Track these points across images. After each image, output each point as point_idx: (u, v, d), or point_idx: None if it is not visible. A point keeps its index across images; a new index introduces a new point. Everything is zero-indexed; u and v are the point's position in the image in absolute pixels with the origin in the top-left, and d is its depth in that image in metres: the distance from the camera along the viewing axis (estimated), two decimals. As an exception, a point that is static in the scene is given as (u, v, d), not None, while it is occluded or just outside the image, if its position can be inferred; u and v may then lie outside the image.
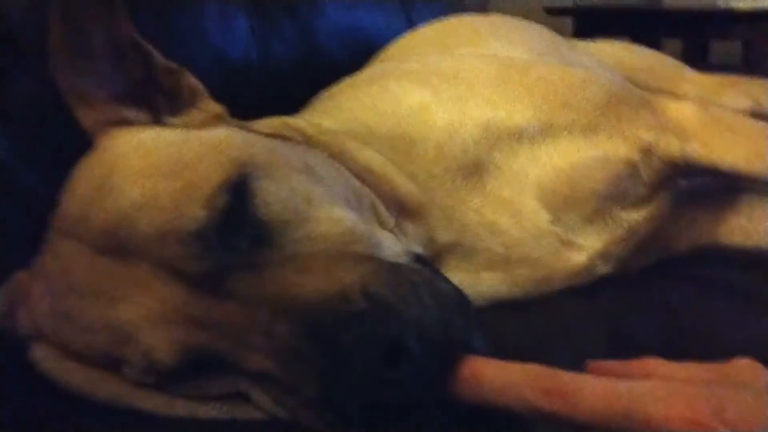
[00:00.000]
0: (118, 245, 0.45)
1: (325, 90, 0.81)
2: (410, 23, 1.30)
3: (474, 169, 0.65)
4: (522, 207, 0.65)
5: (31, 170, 0.75)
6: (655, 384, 0.35)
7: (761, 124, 0.75)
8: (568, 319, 0.64)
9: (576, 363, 0.40)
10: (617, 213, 0.69)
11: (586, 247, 0.67)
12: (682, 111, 0.72)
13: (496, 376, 0.38)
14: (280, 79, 1.03)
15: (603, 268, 0.69)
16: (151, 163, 0.48)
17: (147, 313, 0.44)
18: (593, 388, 0.36)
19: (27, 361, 0.51)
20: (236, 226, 0.45)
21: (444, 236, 0.63)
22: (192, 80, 0.59)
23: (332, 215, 0.48)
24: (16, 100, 0.75)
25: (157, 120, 0.57)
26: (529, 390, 0.37)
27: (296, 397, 0.42)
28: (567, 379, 0.37)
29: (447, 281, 0.47)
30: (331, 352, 0.39)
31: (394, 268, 0.45)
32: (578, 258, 0.67)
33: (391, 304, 0.40)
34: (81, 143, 0.55)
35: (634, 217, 0.69)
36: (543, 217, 0.65)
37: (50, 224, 0.52)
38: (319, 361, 0.39)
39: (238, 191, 0.47)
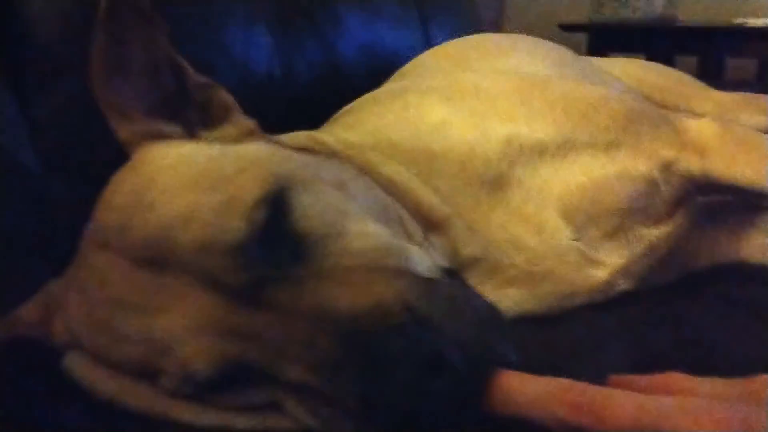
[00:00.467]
0: (158, 257, 0.46)
1: (347, 105, 0.82)
2: (428, 40, 1.31)
3: (497, 184, 0.65)
4: (545, 223, 0.65)
5: (60, 182, 0.77)
6: (683, 399, 0.35)
7: (780, 141, 0.75)
8: (590, 334, 0.64)
9: (598, 378, 0.40)
10: (638, 230, 0.69)
11: (607, 264, 0.67)
12: (702, 128, 0.72)
13: (525, 390, 0.39)
14: (302, 95, 1.04)
15: (624, 285, 0.69)
16: (192, 176, 0.48)
17: (186, 325, 0.45)
18: (621, 403, 0.36)
19: (61, 369, 0.51)
20: (275, 239, 0.46)
21: (467, 250, 0.63)
22: (224, 95, 0.59)
23: (366, 229, 0.49)
24: (48, 113, 0.77)
25: (190, 134, 0.57)
26: (557, 404, 0.37)
27: (335, 409, 0.43)
28: (595, 393, 0.37)
29: (480, 296, 0.48)
30: (372, 365, 0.40)
31: (429, 282, 0.46)
32: (600, 274, 0.67)
33: (430, 318, 0.41)
34: (110, 156, 0.55)
35: (655, 233, 0.70)
36: (565, 234, 0.66)
37: (84, 236, 0.52)
38: (360, 373, 0.40)
39: (276, 205, 0.47)
